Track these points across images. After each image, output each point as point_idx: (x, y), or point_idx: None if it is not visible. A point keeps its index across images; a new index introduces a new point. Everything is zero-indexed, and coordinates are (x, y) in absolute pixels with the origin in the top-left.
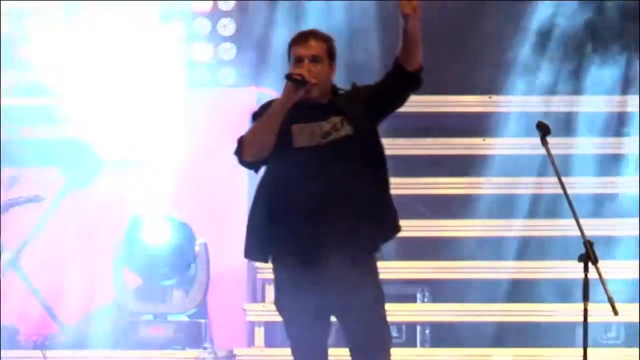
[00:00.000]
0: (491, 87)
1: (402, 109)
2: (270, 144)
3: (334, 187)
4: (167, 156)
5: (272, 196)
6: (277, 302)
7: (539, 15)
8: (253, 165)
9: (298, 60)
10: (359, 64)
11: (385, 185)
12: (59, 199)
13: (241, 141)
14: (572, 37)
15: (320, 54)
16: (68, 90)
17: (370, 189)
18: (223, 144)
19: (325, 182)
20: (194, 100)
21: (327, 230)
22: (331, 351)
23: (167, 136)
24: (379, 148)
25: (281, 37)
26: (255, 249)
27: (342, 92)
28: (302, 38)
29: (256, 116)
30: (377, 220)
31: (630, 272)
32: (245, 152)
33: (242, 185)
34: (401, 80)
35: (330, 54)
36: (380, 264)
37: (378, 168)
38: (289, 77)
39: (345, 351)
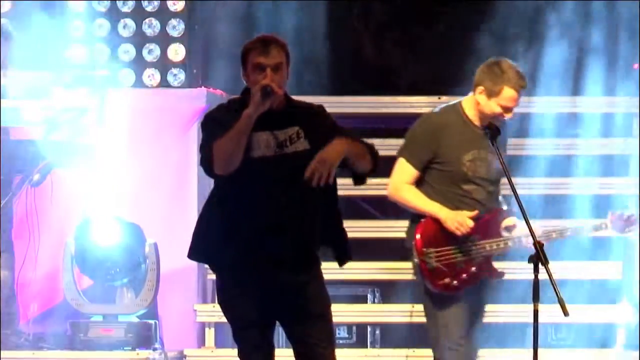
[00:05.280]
0: (441, 88)
1: (349, 110)
2: (240, 156)
3: (287, 201)
4: (116, 157)
5: (226, 205)
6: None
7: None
8: (222, 177)
9: (259, 69)
10: (306, 64)
11: (334, 205)
12: (12, 198)
13: (208, 154)
14: None
15: (281, 62)
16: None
17: (320, 208)
18: (173, 145)
19: (279, 195)
20: (143, 101)
21: (275, 243)
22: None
23: (116, 137)
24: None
25: (229, 38)
26: (202, 252)
27: (296, 101)
28: (263, 46)
29: (208, 122)
30: (325, 242)
31: (581, 273)
32: (217, 167)
33: (192, 186)
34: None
35: (287, 61)
36: (331, 265)
37: (329, 187)
38: (264, 89)
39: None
